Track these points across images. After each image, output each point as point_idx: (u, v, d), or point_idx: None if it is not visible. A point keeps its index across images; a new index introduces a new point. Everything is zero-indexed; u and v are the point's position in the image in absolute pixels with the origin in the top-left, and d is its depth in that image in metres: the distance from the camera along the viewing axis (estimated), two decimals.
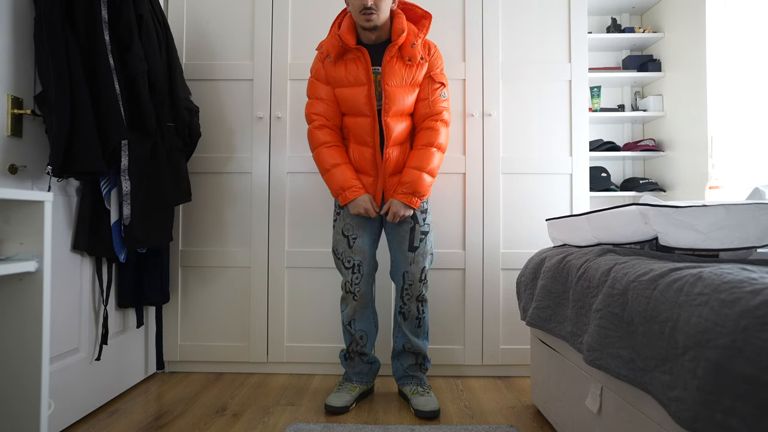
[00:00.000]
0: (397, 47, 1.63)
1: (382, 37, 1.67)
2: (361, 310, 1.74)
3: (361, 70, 1.63)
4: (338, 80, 1.66)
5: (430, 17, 1.71)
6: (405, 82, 1.65)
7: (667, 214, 1.06)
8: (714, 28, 2.24)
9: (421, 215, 1.71)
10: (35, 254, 1.07)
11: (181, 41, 2.12)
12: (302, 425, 1.52)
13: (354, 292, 1.71)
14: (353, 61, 1.64)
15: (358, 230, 1.71)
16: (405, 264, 1.71)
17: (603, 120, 2.72)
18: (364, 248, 1.72)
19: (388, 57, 1.63)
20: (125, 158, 1.60)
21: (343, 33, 1.62)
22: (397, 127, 1.67)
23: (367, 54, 1.62)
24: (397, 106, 1.65)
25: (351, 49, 1.63)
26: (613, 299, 1.01)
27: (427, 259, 1.73)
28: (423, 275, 1.71)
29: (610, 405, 1.12)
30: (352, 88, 1.65)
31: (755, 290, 0.69)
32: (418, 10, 1.72)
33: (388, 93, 1.63)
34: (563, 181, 2.10)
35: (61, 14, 1.40)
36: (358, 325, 1.75)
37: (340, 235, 1.73)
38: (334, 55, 1.65)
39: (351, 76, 1.64)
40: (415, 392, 1.71)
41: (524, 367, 2.08)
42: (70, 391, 1.54)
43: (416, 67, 1.65)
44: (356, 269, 1.71)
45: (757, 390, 0.63)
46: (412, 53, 1.64)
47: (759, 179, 2.16)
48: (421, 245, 1.70)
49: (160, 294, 1.91)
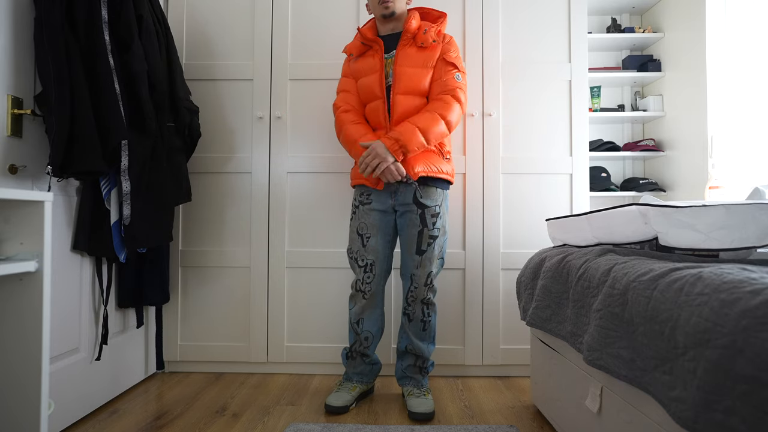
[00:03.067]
0: (409, 34, 1.72)
1: (397, 28, 1.78)
2: (370, 309, 1.74)
3: (376, 59, 1.74)
4: (359, 72, 1.79)
5: (445, 15, 1.80)
6: (417, 64, 1.71)
7: (667, 214, 1.06)
8: (714, 28, 2.24)
9: (431, 219, 1.70)
10: (35, 254, 1.07)
11: (181, 41, 2.13)
12: (302, 425, 1.52)
13: (364, 290, 1.72)
14: (371, 55, 1.77)
15: (372, 229, 1.72)
16: (412, 266, 1.72)
17: (603, 120, 2.72)
18: (377, 248, 1.73)
19: (401, 45, 1.73)
20: (125, 158, 1.59)
21: (364, 29, 1.79)
22: (405, 104, 1.69)
23: (381, 44, 1.74)
24: (406, 84, 1.69)
25: (371, 45, 1.76)
26: (613, 299, 1.01)
27: (435, 264, 1.72)
28: (429, 280, 1.71)
29: (610, 405, 1.12)
30: (368, 77, 1.75)
31: (755, 290, 0.69)
32: (434, 12, 1.83)
33: (397, 73, 1.70)
34: (563, 181, 2.10)
35: (61, 14, 1.40)
36: (366, 325, 1.74)
37: (355, 234, 1.75)
38: (356, 53, 1.81)
39: (368, 66, 1.76)
40: (410, 393, 1.70)
41: (524, 367, 2.08)
42: (70, 391, 1.54)
43: (429, 49, 1.71)
44: (368, 268, 1.72)
45: (757, 390, 0.63)
46: (424, 38, 1.71)
47: (759, 179, 2.16)
48: (429, 249, 1.70)
49: (160, 294, 1.91)
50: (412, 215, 1.70)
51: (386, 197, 1.72)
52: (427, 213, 1.69)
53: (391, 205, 1.73)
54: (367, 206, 1.73)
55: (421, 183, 1.69)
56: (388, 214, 1.74)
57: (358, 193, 1.77)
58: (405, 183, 1.69)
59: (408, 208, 1.71)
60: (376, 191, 1.72)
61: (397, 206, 1.73)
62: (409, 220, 1.71)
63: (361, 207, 1.74)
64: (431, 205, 1.70)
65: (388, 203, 1.72)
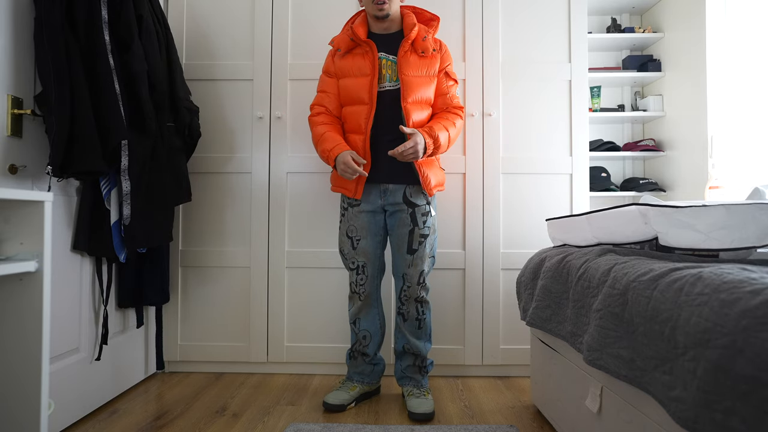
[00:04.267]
0: (410, 42, 1.70)
1: (391, 28, 1.75)
2: (366, 309, 1.76)
3: (367, 62, 1.70)
4: (344, 71, 1.74)
5: (438, 19, 1.80)
6: (421, 72, 1.70)
7: (667, 214, 1.06)
8: (714, 28, 2.24)
9: (421, 218, 1.70)
10: (35, 254, 1.07)
11: (181, 41, 2.12)
12: (302, 425, 1.52)
13: (359, 292, 1.74)
14: (361, 56, 1.71)
15: (362, 232, 1.73)
16: (404, 266, 1.72)
17: (603, 120, 2.72)
18: (368, 249, 1.73)
19: (403, 51, 1.70)
20: (125, 158, 1.59)
21: (356, 26, 1.73)
22: (416, 113, 1.69)
23: (375, 47, 1.70)
24: (416, 94, 1.69)
25: (361, 44, 1.71)
26: (613, 299, 1.01)
27: (426, 263, 1.72)
28: (421, 278, 1.71)
29: (610, 405, 1.12)
30: (355, 79, 1.71)
31: (755, 290, 0.69)
32: (426, 13, 1.81)
33: (405, 81, 1.68)
34: (563, 181, 2.10)
35: (61, 14, 1.40)
36: (363, 324, 1.76)
37: (345, 237, 1.75)
38: (344, 48, 1.73)
39: (356, 67, 1.71)
40: (410, 393, 1.71)
41: (524, 367, 2.08)
42: (70, 391, 1.54)
43: (429, 58, 1.71)
44: (360, 270, 1.73)
45: (757, 390, 0.63)
46: (425, 46, 1.70)
47: (759, 179, 2.16)
48: (420, 248, 1.70)
49: (160, 294, 1.91)
50: (403, 215, 1.71)
51: (376, 197, 1.72)
52: (417, 212, 1.70)
53: (381, 205, 1.73)
54: (355, 208, 1.73)
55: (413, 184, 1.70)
56: (377, 214, 1.74)
57: (345, 196, 1.77)
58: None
59: (398, 207, 1.71)
60: (366, 190, 1.71)
61: (387, 206, 1.73)
62: (400, 219, 1.71)
63: (350, 209, 1.74)
64: (421, 204, 1.70)
65: (378, 203, 1.72)
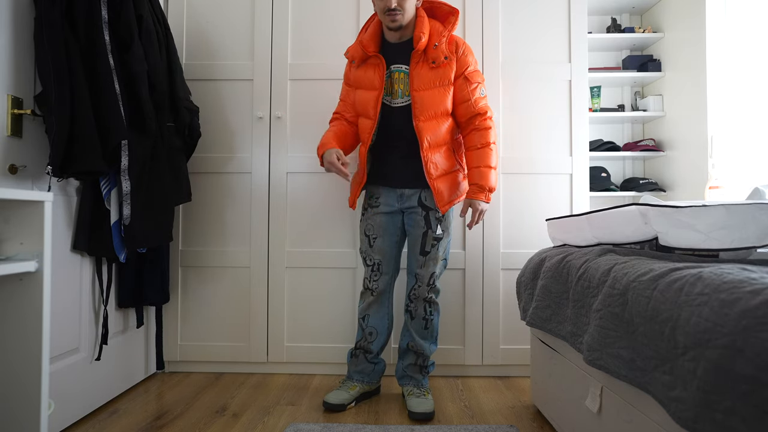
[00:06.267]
0: (420, 52, 1.65)
1: (406, 35, 1.69)
2: (376, 306, 1.77)
3: (376, 76, 1.68)
4: (359, 82, 1.74)
5: (457, 13, 1.69)
6: (434, 84, 1.65)
7: (668, 214, 1.06)
8: (714, 28, 2.24)
9: (435, 222, 1.71)
10: (35, 254, 1.07)
11: (181, 41, 2.12)
12: (302, 425, 1.52)
13: (372, 288, 1.77)
14: (372, 67, 1.70)
15: (378, 231, 1.76)
16: (416, 266, 1.74)
17: (603, 120, 2.71)
18: (384, 248, 1.76)
19: (414, 63, 1.65)
20: (125, 158, 1.59)
21: (365, 39, 1.69)
22: (432, 131, 1.66)
23: (384, 62, 1.67)
24: (429, 111, 1.65)
25: (371, 56, 1.69)
26: (613, 299, 1.01)
27: (438, 265, 1.74)
28: (431, 280, 1.73)
29: (610, 405, 1.12)
30: (366, 92, 1.71)
31: (755, 290, 0.69)
32: (444, 6, 1.70)
33: (417, 99, 1.65)
34: (563, 181, 2.10)
35: (61, 14, 1.40)
36: (371, 320, 1.77)
37: (363, 235, 1.80)
38: (358, 60, 1.72)
39: (368, 80, 1.71)
40: (410, 393, 1.71)
41: (524, 367, 2.08)
42: (70, 391, 1.54)
43: (443, 67, 1.65)
44: (376, 267, 1.76)
45: (757, 390, 0.63)
46: (435, 55, 1.64)
47: (759, 179, 2.16)
48: (432, 251, 1.72)
49: (160, 294, 1.91)
50: (417, 216, 1.73)
51: (393, 200, 1.75)
52: (431, 215, 1.71)
53: (398, 207, 1.76)
54: (375, 209, 1.76)
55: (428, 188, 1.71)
56: (395, 215, 1.77)
57: (367, 196, 1.81)
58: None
59: (413, 210, 1.74)
60: (384, 193, 1.75)
61: (404, 208, 1.76)
62: (414, 221, 1.74)
63: (369, 210, 1.78)
64: (435, 208, 1.71)
65: (395, 206, 1.76)
